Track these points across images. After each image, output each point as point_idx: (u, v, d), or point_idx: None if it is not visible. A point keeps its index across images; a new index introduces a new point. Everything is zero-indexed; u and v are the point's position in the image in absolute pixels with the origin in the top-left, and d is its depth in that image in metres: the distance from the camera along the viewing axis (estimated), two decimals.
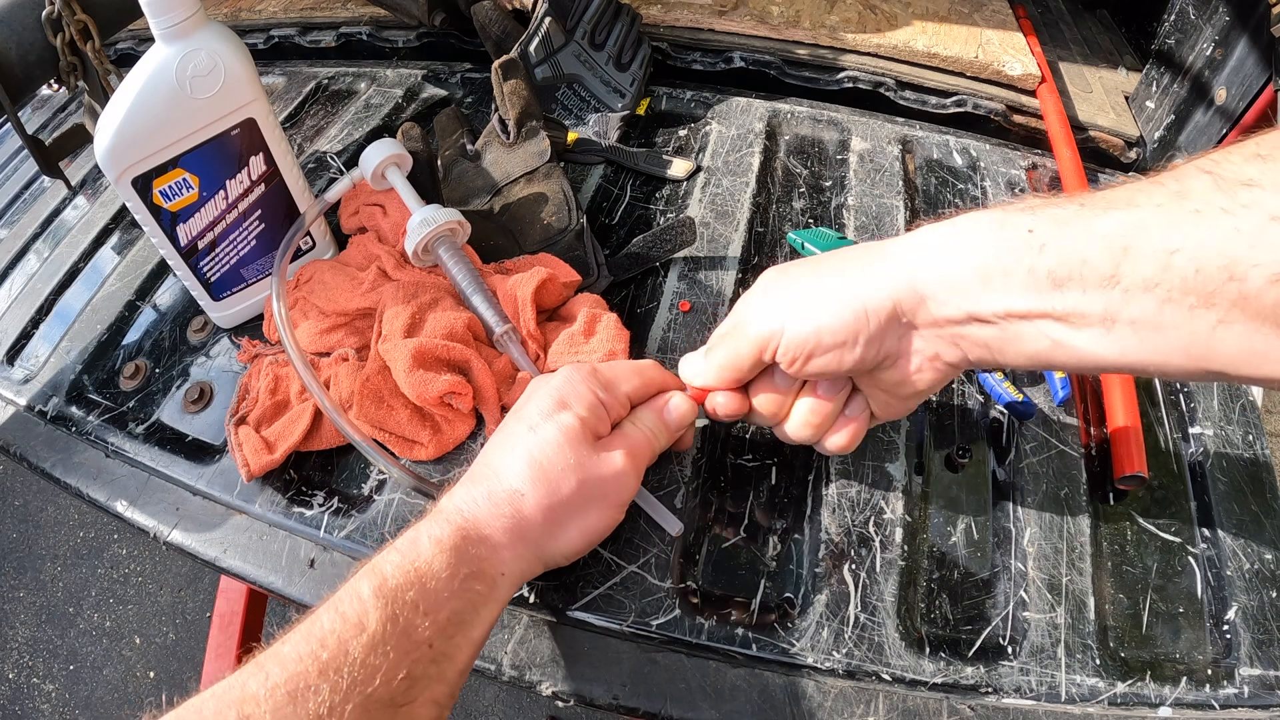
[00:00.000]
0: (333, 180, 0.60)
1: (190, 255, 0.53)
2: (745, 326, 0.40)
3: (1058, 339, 0.32)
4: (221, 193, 0.52)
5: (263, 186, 0.53)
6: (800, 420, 0.42)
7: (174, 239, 0.52)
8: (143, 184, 0.48)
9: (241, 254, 0.55)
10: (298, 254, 0.59)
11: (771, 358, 0.40)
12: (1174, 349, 0.29)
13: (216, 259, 0.54)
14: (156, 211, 0.50)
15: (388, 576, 0.33)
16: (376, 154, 0.56)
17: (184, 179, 0.49)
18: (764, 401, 0.43)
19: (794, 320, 0.38)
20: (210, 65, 0.46)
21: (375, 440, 0.49)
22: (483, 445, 0.45)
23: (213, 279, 0.55)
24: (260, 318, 0.59)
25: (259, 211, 0.54)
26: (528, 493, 0.38)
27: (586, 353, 0.51)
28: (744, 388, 0.44)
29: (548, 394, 0.41)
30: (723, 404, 0.43)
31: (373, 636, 0.31)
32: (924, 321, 0.36)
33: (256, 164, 0.52)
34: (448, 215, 0.54)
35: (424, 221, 0.53)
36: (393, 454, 0.49)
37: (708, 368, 0.43)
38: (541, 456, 0.38)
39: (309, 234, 0.58)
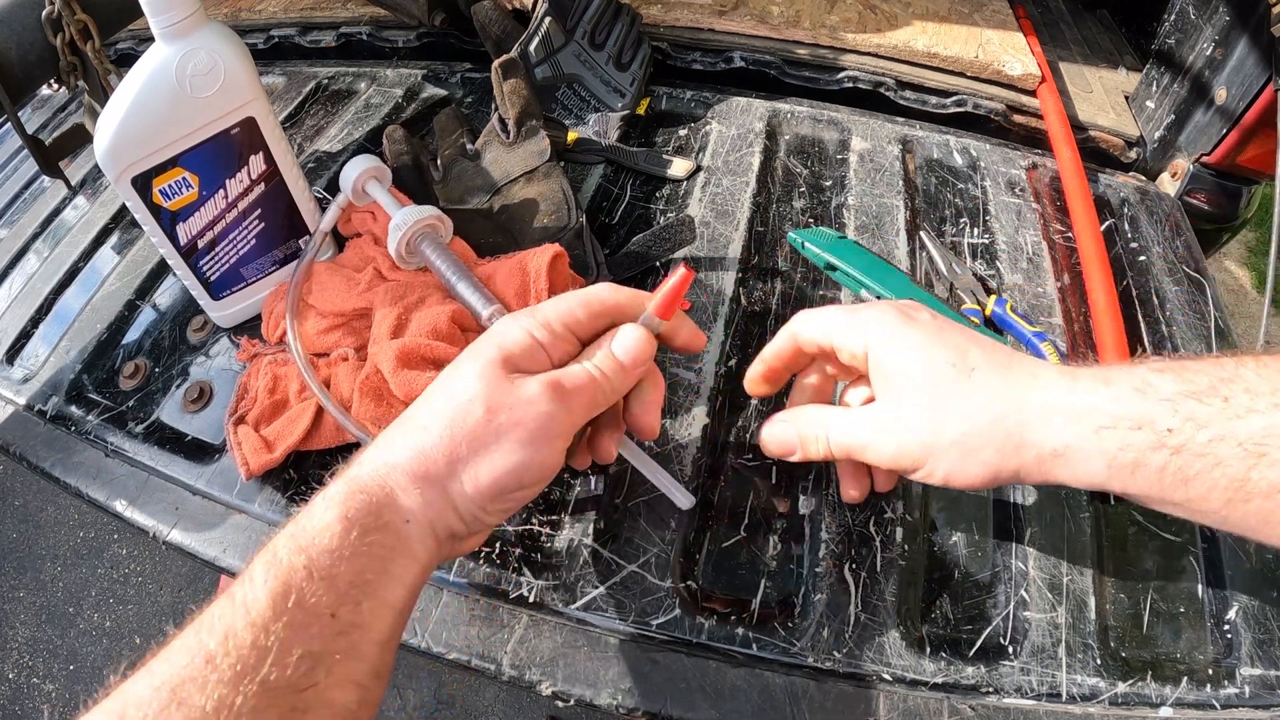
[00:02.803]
0: (324, 200, 0.60)
1: (190, 254, 0.53)
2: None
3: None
4: (221, 192, 0.52)
5: (262, 185, 0.53)
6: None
7: (174, 238, 0.52)
8: (142, 183, 0.48)
9: (241, 253, 0.55)
10: (298, 255, 0.59)
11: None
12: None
13: (216, 258, 0.54)
14: (156, 211, 0.50)
15: (277, 549, 0.30)
16: (352, 172, 0.57)
17: (184, 178, 0.49)
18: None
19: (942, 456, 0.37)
20: (210, 64, 0.46)
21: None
22: None
23: (212, 278, 0.55)
24: (260, 317, 0.59)
25: (259, 211, 0.54)
26: (431, 425, 0.34)
27: None
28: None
29: (479, 339, 0.38)
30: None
31: (261, 615, 0.28)
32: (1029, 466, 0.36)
33: (256, 163, 0.52)
34: (420, 213, 0.54)
35: (397, 225, 0.53)
36: None
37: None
38: (451, 391, 0.35)
39: (309, 235, 0.58)
